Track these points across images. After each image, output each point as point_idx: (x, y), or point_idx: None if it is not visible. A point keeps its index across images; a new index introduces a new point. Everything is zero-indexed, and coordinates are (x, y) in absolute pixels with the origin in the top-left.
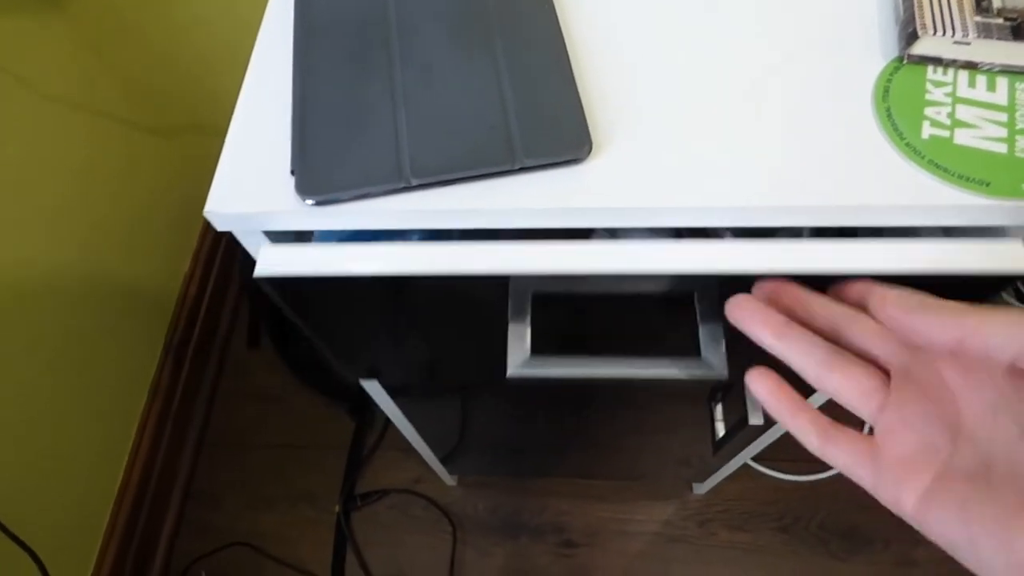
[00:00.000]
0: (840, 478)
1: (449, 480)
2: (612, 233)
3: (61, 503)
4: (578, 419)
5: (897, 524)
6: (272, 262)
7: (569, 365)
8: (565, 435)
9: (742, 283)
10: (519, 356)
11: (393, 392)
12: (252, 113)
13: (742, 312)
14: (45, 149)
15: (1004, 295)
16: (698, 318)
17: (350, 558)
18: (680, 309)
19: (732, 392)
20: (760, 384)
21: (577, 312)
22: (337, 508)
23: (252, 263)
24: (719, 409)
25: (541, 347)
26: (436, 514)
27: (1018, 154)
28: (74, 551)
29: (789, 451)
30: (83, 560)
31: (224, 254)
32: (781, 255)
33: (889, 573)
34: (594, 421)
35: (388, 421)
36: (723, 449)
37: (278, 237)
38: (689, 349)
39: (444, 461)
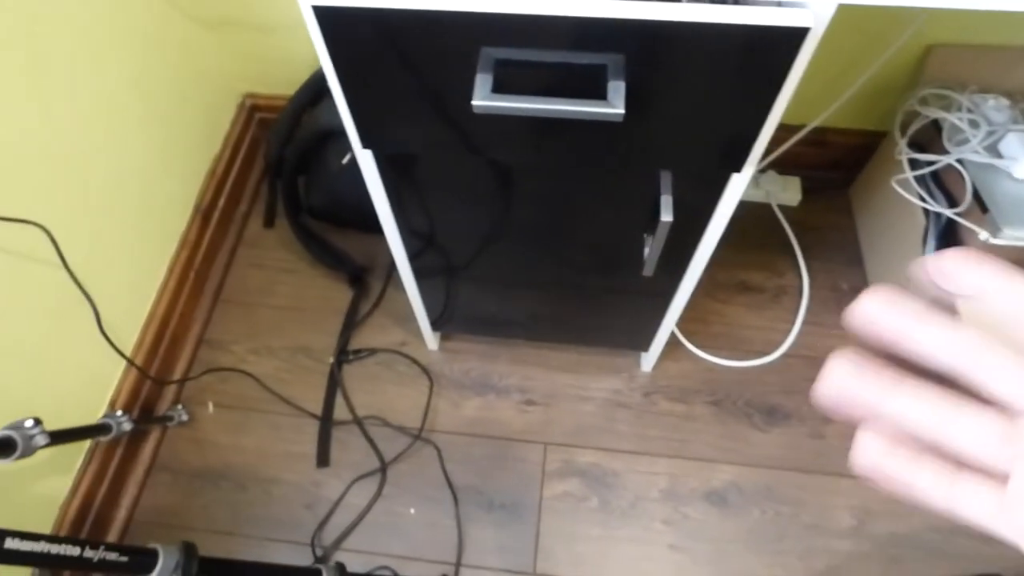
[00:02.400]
0: (768, 367)
1: (432, 344)
2: None
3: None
4: (546, 293)
5: (812, 407)
6: None
7: (517, 101)
8: (535, 305)
9: (635, 33)
10: (483, 92)
11: (386, 173)
12: None
13: (831, 388)
14: (118, 16)
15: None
16: (608, 78)
17: (339, 400)
18: (599, 80)
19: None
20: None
21: (528, 83)
22: (331, 359)
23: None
24: (649, 239)
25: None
26: (417, 371)
27: None
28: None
29: (725, 341)
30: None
31: (249, 145)
32: (654, 9)
33: (801, 442)
34: (560, 297)
35: (383, 291)
36: (648, 262)
37: None
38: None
39: (429, 309)
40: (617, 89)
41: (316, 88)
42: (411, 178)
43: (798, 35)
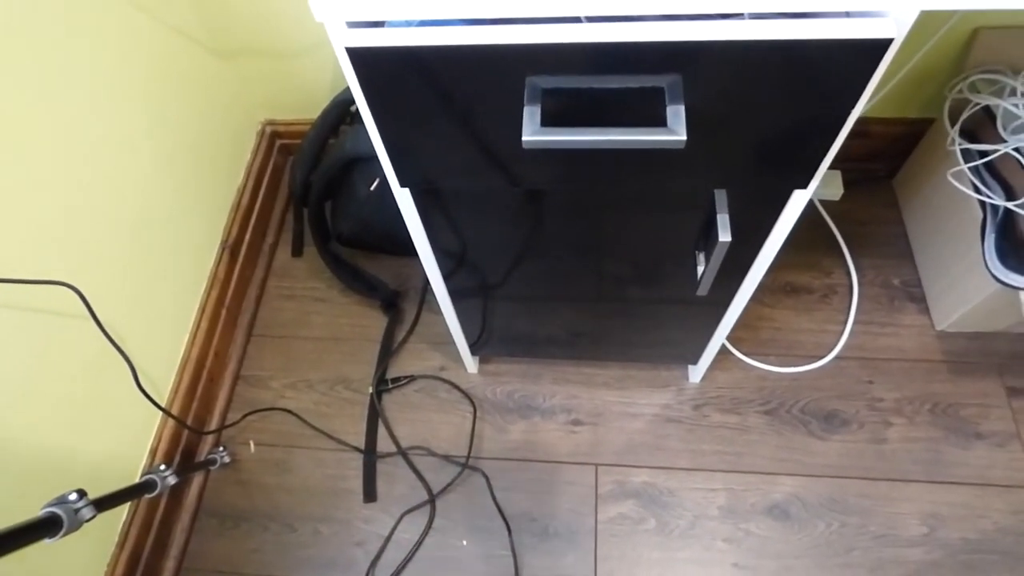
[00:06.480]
0: (821, 371)
1: (471, 368)
2: None
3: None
4: (588, 310)
5: (871, 410)
6: (360, 38)
7: (570, 133)
8: (577, 322)
9: (690, 56)
10: (533, 127)
11: (422, 206)
12: None
13: None
14: (135, 57)
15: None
16: (666, 102)
17: (381, 431)
18: (652, 101)
19: (711, 239)
20: None
21: (577, 109)
22: (371, 389)
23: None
24: (701, 257)
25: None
26: (458, 396)
27: None
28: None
29: (775, 346)
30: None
31: (272, 173)
32: (724, 29)
33: (862, 448)
34: (602, 313)
35: (418, 316)
36: (703, 282)
37: None
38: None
39: (468, 333)
40: (677, 113)
41: (339, 113)
42: (447, 207)
43: (881, 46)
